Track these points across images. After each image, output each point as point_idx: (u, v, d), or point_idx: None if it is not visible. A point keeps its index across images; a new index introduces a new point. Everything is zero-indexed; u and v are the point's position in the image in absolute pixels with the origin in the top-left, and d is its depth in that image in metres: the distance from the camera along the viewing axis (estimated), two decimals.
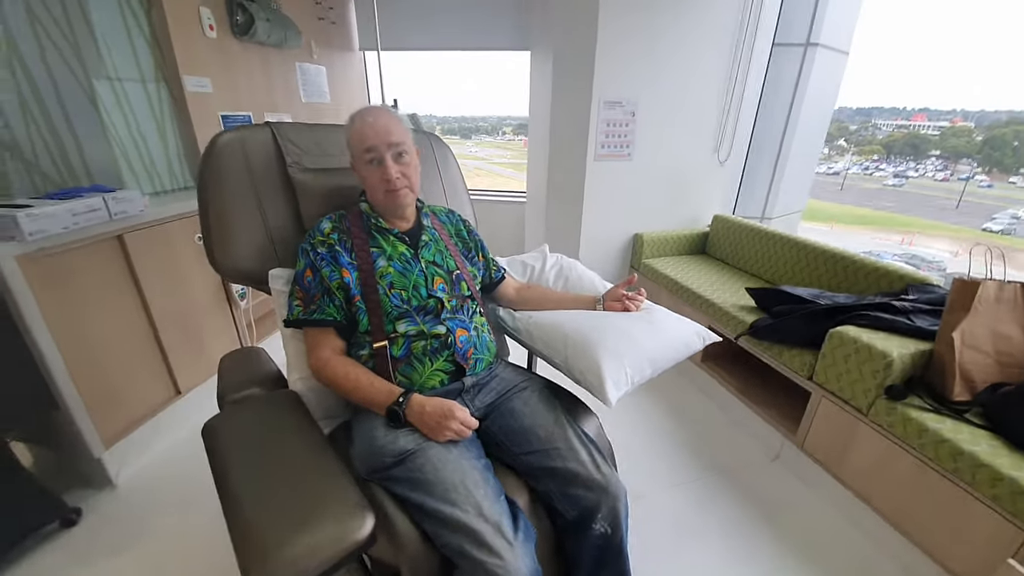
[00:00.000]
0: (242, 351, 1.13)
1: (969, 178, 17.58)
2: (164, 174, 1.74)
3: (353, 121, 0.96)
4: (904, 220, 23.71)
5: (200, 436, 0.81)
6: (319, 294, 0.92)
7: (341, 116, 2.88)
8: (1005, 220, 16.77)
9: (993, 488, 1.00)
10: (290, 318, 0.93)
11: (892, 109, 20.98)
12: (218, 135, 1.02)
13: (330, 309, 0.91)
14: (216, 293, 1.82)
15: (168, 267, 1.58)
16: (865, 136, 17.73)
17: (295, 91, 2.47)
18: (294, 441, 0.79)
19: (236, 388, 0.96)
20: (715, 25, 2.10)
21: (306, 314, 0.92)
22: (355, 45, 3.04)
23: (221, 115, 1.92)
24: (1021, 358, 1.18)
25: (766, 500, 1.46)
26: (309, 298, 0.92)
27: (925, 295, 1.42)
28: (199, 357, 1.75)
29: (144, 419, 1.53)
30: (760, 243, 2.14)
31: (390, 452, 0.81)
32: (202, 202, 1.01)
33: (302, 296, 0.93)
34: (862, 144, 17.30)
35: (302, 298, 0.93)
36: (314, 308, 0.91)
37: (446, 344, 0.92)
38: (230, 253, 1.02)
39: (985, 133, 19.11)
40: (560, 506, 0.85)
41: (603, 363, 0.93)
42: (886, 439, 1.23)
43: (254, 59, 2.09)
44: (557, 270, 1.32)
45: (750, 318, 1.69)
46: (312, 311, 0.91)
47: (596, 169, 2.20)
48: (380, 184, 0.95)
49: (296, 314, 0.92)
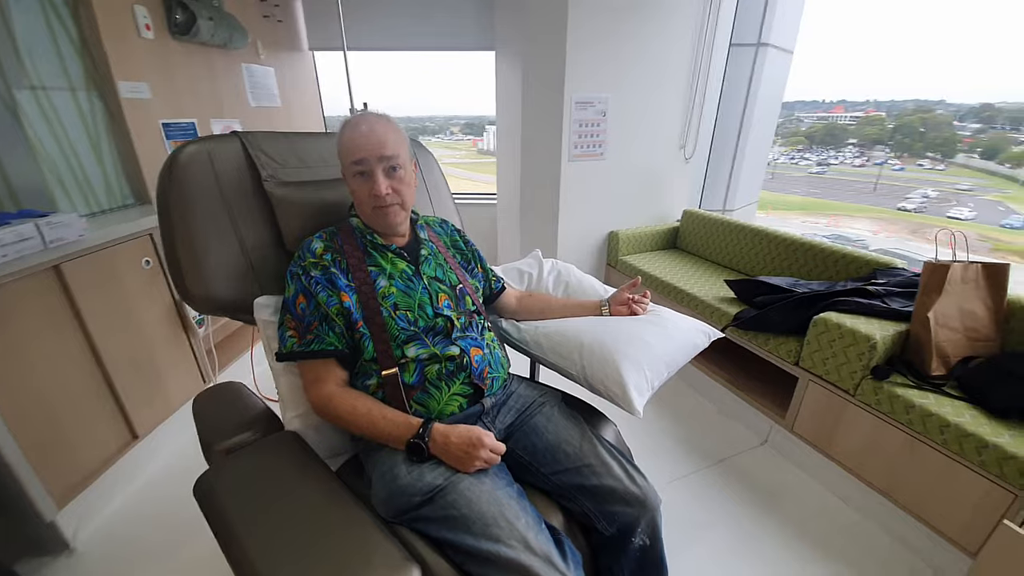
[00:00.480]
0: (219, 388, 1.01)
1: (883, 163, 19.44)
2: (101, 192, 1.54)
3: (344, 129, 0.88)
4: (829, 204, 25.79)
5: (164, 483, 0.71)
6: (315, 322, 0.83)
7: (293, 121, 2.76)
8: (917, 199, 18.58)
9: (980, 455, 1.07)
10: (283, 351, 0.84)
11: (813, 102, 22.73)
12: (180, 148, 0.90)
13: (330, 338, 0.83)
14: (169, 321, 1.65)
15: (114, 297, 1.40)
16: (790, 128, 19.15)
17: (243, 95, 2.28)
18: (310, 492, 0.71)
19: (224, 434, 0.85)
20: (679, 25, 2.14)
21: (302, 345, 0.82)
22: (304, 45, 2.86)
23: (162, 123, 1.73)
24: (986, 332, 1.28)
25: (762, 485, 1.50)
26: (304, 327, 0.83)
27: (893, 278, 1.52)
28: (156, 395, 1.57)
29: (99, 471, 1.35)
30: (729, 235, 2.21)
31: (417, 490, 0.74)
32: (166, 225, 0.89)
33: (295, 326, 0.83)
34: (787, 136, 18.65)
35: (295, 328, 0.83)
36: (311, 338, 0.82)
37: (462, 365, 0.86)
38: (204, 282, 0.90)
39: (895, 121, 21.17)
40: (599, 525, 0.82)
41: (624, 371, 0.91)
42: (874, 417, 1.30)
43: (197, 61, 1.90)
44: (555, 276, 1.28)
45: (732, 310, 1.74)
46: (309, 342, 0.82)
47: (571, 169, 2.19)
48: (368, 199, 0.87)
49: (290, 346, 0.83)
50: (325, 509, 0.68)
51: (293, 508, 0.68)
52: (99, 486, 1.34)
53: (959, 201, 18.42)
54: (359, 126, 0.86)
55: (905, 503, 1.24)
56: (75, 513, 1.26)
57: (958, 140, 19.04)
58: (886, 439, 1.27)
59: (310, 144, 1.08)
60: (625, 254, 2.40)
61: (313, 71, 3.02)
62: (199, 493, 0.72)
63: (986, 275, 1.28)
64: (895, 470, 1.27)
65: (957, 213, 20.17)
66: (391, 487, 0.76)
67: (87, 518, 1.30)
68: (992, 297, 1.28)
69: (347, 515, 0.68)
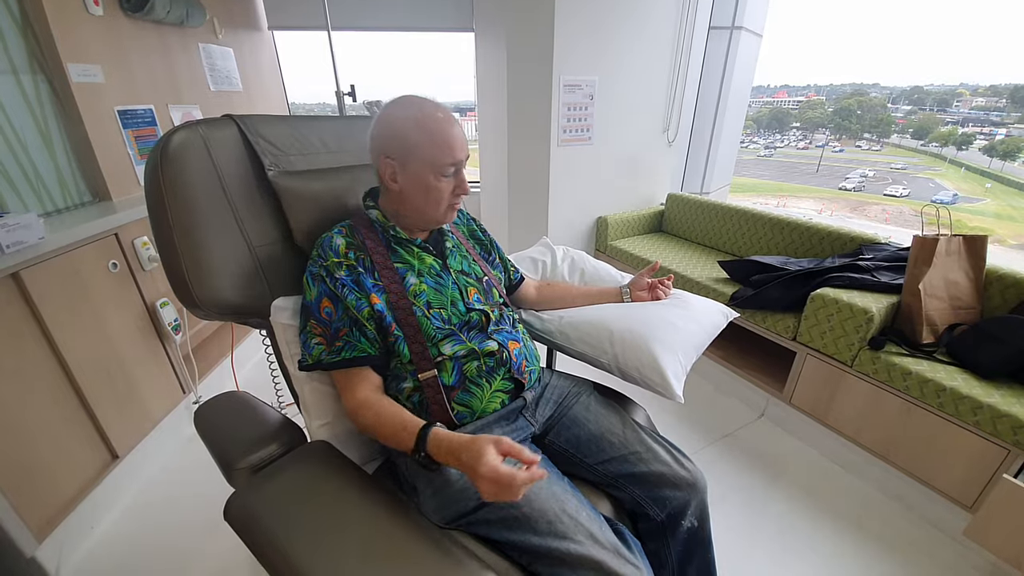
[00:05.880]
0: (222, 400, 0.92)
1: (824, 145, 20.61)
2: (54, 189, 1.37)
3: (422, 115, 0.78)
4: (777, 186, 27.25)
5: (150, 504, 0.65)
6: (344, 328, 0.76)
7: (255, 106, 2.57)
8: (856, 179, 20.03)
9: (975, 416, 1.15)
10: (309, 360, 0.77)
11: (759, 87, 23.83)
12: (170, 133, 0.80)
13: (362, 344, 0.77)
14: (142, 328, 1.51)
15: (81, 305, 1.26)
16: None
17: (201, 78, 2.09)
18: (362, 505, 0.66)
19: (244, 450, 0.77)
20: (661, 6, 2.14)
21: (331, 353, 0.76)
22: (263, 24, 2.66)
23: (117, 110, 1.56)
24: (968, 301, 1.37)
25: (765, 456, 1.57)
26: (332, 334, 0.76)
27: (880, 253, 1.59)
28: (133, 410, 1.44)
29: (80, 497, 1.22)
30: (714, 217, 2.26)
31: (473, 494, 0.70)
32: (161, 223, 0.79)
33: (322, 332, 0.76)
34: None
35: (323, 335, 0.76)
36: (340, 345, 0.76)
37: (501, 360, 0.83)
38: (210, 285, 0.81)
39: (834, 105, 22.47)
40: (650, 510, 0.81)
41: (660, 357, 0.91)
42: (871, 385, 1.37)
43: (151, 40, 1.72)
44: (569, 263, 1.26)
45: (727, 289, 1.78)
46: (339, 349, 0.76)
47: (560, 155, 2.16)
48: (449, 197, 0.82)
49: (317, 355, 0.76)
50: (384, 522, 0.64)
51: (349, 524, 0.63)
52: (80, 513, 1.22)
53: (894, 180, 20.07)
54: (442, 114, 0.78)
55: (903, 464, 1.32)
56: (57, 545, 1.14)
57: (892, 121, 20.57)
58: (883, 405, 1.35)
59: (309, 128, 0.99)
60: (614, 239, 2.41)
61: (274, 52, 2.82)
62: (235, 517, 0.65)
63: (967, 247, 1.37)
64: (892, 434, 1.34)
65: (893, 191, 21.90)
66: (444, 493, 0.72)
67: (70, 549, 1.18)
68: (972, 267, 1.37)
69: (409, 527, 0.64)
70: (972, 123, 48.08)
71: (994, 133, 42.26)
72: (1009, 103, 50.60)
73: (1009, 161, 33.73)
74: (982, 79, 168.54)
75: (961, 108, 52.74)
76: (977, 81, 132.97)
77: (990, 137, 40.41)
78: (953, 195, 27.00)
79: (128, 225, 1.43)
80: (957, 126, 43.96)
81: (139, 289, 1.48)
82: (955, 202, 25.37)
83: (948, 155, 33.36)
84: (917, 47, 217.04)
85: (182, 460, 1.55)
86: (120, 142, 1.57)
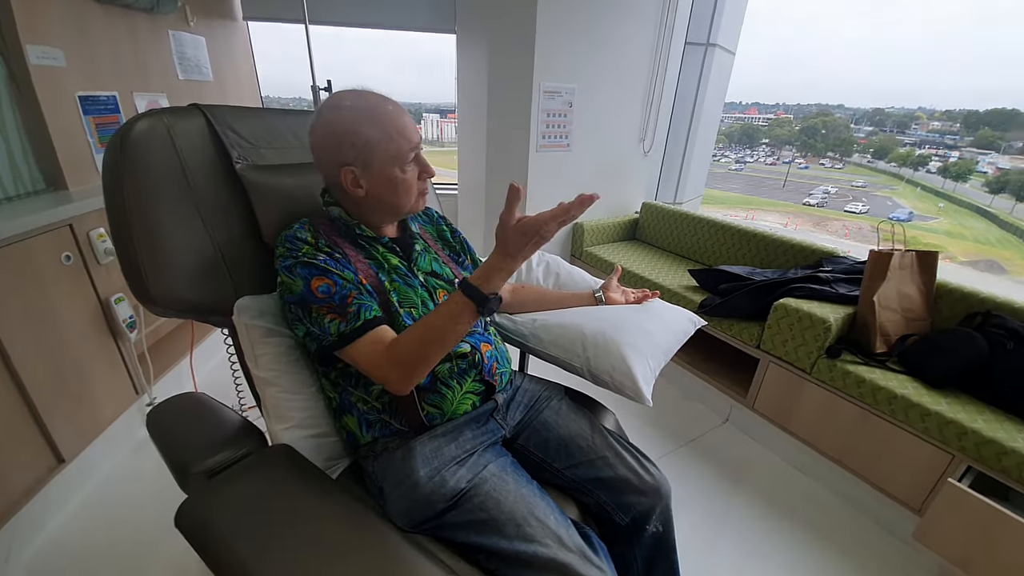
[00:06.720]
0: (178, 401, 0.88)
1: (791, 162, 21.50)
2: (5, 175, 1.29)
3: (374, 113, 0.76)
4: (746, 199, 28.24)
5: (97, 511, 0.62)
6: (351, 292, 0.71)
7: (227, 98, 2.50)
8: (819, 195, 20.98)
9: (923, 422, 1.21)
10: (333, 339, 0.70)
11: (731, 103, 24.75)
12: (132, 121, 0.76)
13: (374, 306, 0.73)
14: (95, 325, 1.43)
15: (30, 300, 1.19)
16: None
17: (170, 66, 2.02)
18: (323, 511, 0.64)
19: (200, 454, 0.74)
20: (641, 20, 2.19)
21: (350, 321, 0.69)
22: (238, 14, 2.58)
23: (79, 95, 1.48)
24: (919, 312, 1.44)
25: (729, 460, 1.61)
26: (339, 305, 0.70)
27: (838, 266, 1.67)
28: (82, 412, 1.36)
29: (19, 505, 1.14)
30: (687, 226, 2.32)
31: (440, 496, 0.70)
32: (117, 214, 0.75)
33: (329, 309, 0.70)
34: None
35: (331, 311, 0.70)
36: (354, 310, 0.70)
37: (473, 363, 0.82)
38: (168, 280, 0.78)
39: (801, 123, 23.49)
40: (615, 516, 0.82)
41: (631, 361, 0.92)
42: (829, 392, 1.43)
43: (119, 26, 1.64)
44: (544, 267, 1.27)
45: (696, 297, 1.83)
46: (355, 314, 0.70)
47: (538, 159, 2.17)
48: (416, 186, 0.80)
49: (338, 330, 0.69)
50: (347, 528, 0.62)
51: (309, 531, 0.61)
52: (19, 523, 1.14)
53: (855, 197, 21.14)
54: (391, 105, 0.77)
55: (858, 469, 1.38)
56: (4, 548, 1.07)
57: (854, 141, 21.72)
58: (840, 412, 1.40)
59: (281, 121, 0.97)
60: (590, 245, 2.44)
61: (248, 43, 2.74)
62: (186, 525, 0.62)
63: (919, 262, 1.44)
64: (847, 440, 1.40)
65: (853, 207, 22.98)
66: (411, 496, 0.71)
67: (9, 565, 1.11)
68: (924, 281, 1.45)
69: (373, 532, 0.63)
70: (928, 145, 51.19)
71: (948, 155, 45.12)
72: (962, 127, 54.16)
73: (961, 182, 36.03)
74: (939, 104, 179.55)
75: (919, 130, 56.15)
76: (934, 105, 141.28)
77: (944, 159, 43.11)
78: (909, 213, 28.64)
79: (84, 216, 1.36)
80: (914, 147, 46.73)
81: (93, 283, 1.40)
82: (910, 219, 26.92)
83: (905, 175, 35.33)
84: (881, 71, 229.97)
85: (133, 465, 1.48)
86: (80, 129, 1.50)
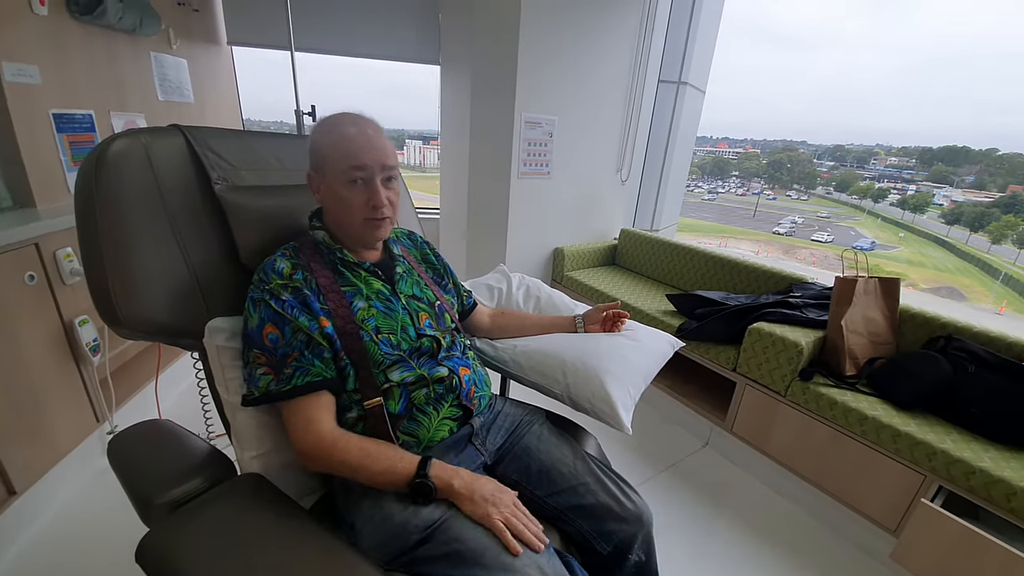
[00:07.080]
0: (141, 429, 0.84)
1: (760, 193, 22.55)
2: None
3: (331, 129, 0.79)
4: (719, 227, 29.28)
5: (48, 549, 0.59)
6: (294, 352, 0.72)
7: (207, 120, 2.49)
8: (787, 225, 21.97)
9: (895, 443, 1.24)
10: (256, 394, 0.71)
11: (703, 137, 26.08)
12: (109, 140, 0.76)
13: (316, 367, 0.72)
14: (57, 348, 1.37)
15: None
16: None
17: (150, 87, 2.00)
18: (295, 545, 0.62)
19: (164, 484, 0.70)
20: (617, 58, 2.30)
21: (280, 382, 0.71)
22: (222, 38, 2.60)
23: (52, 113, 1.46)
24: (885, 336, 1.50)
25: (709, 485, 1.61)
26: (278, 361, 0.71)
27: (808, 291, 1.73)
28: (38, 440, 1.28)
29: None
30: (663, 253, 2.38)
31: (413, 528, 0.67)
32: (88, 234, 0.74)
33: (267, 361, 0.71)
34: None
35: (268, 364, 0.71)
36: (290, 372, 0.71)
37: (451, 387, 0.81)
38: (138, 300, 0.75)
39: (768, 158, 24.77)
40: (597, 545, 0.81)
41: (611, 388, 0.93)
42: (803, 414, 1.46)
43: (98, 46, 1.64)
44: (524, 291, 1.28)
45: (674, 322, 1.86)
46: (289, 376, 0.71)
47: (519, 186, 2.22)
48: (362, 209, 0.78)
49: (265, 385, 0.71)
50: (319, 561, 0.60)
51: (280, 563, 0.58)
52: None
53: (820, 227, 22.18)
54: (354, 127, 0.78)
55: (833, 491, 1.40)
56: None
57: (818, 175, 23.03)
58: (814, 434, 1.43)
59: (264, 144, 0.97)
60: (570, 270, 2.47)
61: (231, 67, 2.76)
62: (148, 560, 0.59)
63: (882, 288, 1.51)
64: (822, 462, 1.43)
65: (819, 236, 24.01)
66: (383, 529, 0.68)
67: None
68: (888, 306, 1.51)
69: (346, 566, 0.60)
70: (887, 179, 54.49)
71: (906, 188, 48.02)
72: (918, 163, 58.02)
73: (919, 214, 38.21)
74: (895, 141, 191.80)
75: (877, 165, 59.88)
76: (891, 142, 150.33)
77: (903, 192, 45.85)
78: (871, 242, 30.10)
79: (51, 235, 1.31)
80: (874, 181, 49.66)
81: (57, 305, 1.35)
82: (873, 248, 28.27)
83: (866, 206, 37.28)
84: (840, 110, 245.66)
85: (93, 497, 1.39)
86: (52, 147, 1.47)
